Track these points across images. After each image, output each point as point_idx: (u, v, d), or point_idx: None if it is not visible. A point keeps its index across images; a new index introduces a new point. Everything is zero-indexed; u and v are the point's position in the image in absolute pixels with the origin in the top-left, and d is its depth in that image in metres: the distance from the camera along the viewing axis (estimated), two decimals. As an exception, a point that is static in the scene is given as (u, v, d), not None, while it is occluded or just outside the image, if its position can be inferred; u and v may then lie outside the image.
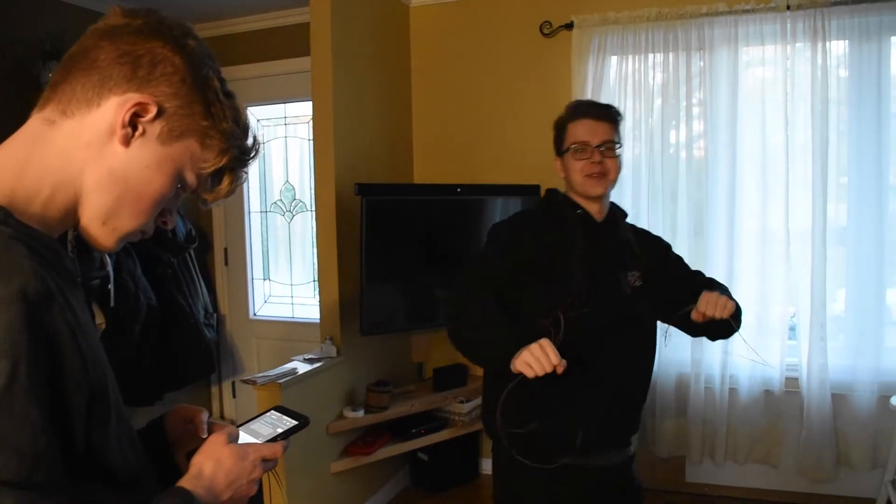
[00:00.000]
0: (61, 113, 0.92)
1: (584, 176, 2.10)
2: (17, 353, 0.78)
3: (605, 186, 2.11)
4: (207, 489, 0.99)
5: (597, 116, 2.13)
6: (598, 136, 2.10)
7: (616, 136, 2.13)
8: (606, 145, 2.10)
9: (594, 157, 2.09)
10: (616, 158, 2.12)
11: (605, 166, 2.09)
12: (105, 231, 0.96)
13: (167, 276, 4.09)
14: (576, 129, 2.13)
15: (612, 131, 2.12)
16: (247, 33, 4.60)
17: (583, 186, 2.12)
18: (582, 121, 2.13)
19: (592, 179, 2.10)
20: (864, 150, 3.50)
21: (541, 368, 1.74)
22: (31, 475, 0.78)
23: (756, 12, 3.57)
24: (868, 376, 3.56)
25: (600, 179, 2.10)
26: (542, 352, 1.75)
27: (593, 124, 2.12)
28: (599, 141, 2.10)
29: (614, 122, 2.15)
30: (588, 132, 2.12)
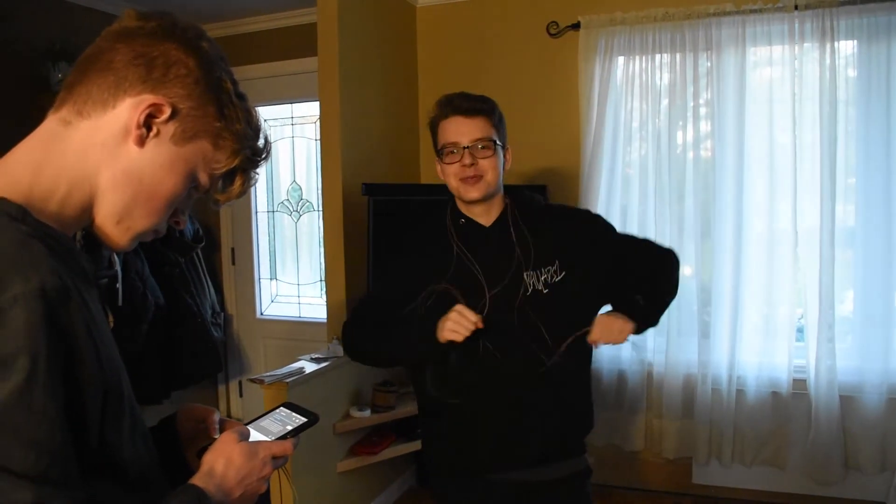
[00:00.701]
0: (77, 113, 0.94)
1: (459, 180, 1.94)
2: (37, 349, 0.79)
3: (481, 190, 1.93)
4: (218, 486, 1.00)
5: (466, 112, 1.94)
6: (468, 135, 1.92)
7: (493, 133, 1.94)
8: (480, 143, 1.92)
9: (465, 160, 1.91)
10: (493, 157, 1.93)
11: (479, 168, 1.92)
12: (119, 230, 0.98)
13: (175, 275, 4.11)
14: (445, 129, 1.97)
15: (486, 127, 1.93)
16: (254, 33, 4.61)
17: (458, 191, 1.97)
18: (451, 118, 1.96)
19: (466, 184, 1.93)
20: (873, 150, 3.48)
21: (465, 329, 1.77)
22: (47, 470, 0.79)
23: (764, 12, 3.57)
24: (876, 378, 3.55)
25: (476, 182, 1.92)
26: (461, 315, 1.78)
27: (462, 121, 1.94)
28: (469, 140, 1.92)
29: (488, 115, 1.95)
30: (456, 132, 1.94)
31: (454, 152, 1.94)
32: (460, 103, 1.96)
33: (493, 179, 1.94)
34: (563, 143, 4.04)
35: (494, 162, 1.94)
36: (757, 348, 3.71)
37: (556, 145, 4.07)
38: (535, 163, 4.11)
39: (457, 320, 1.78)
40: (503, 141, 2.00)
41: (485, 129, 1.93)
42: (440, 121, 1.99)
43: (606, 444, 3.97)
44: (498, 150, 1.96)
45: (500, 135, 1.98)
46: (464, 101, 1.97)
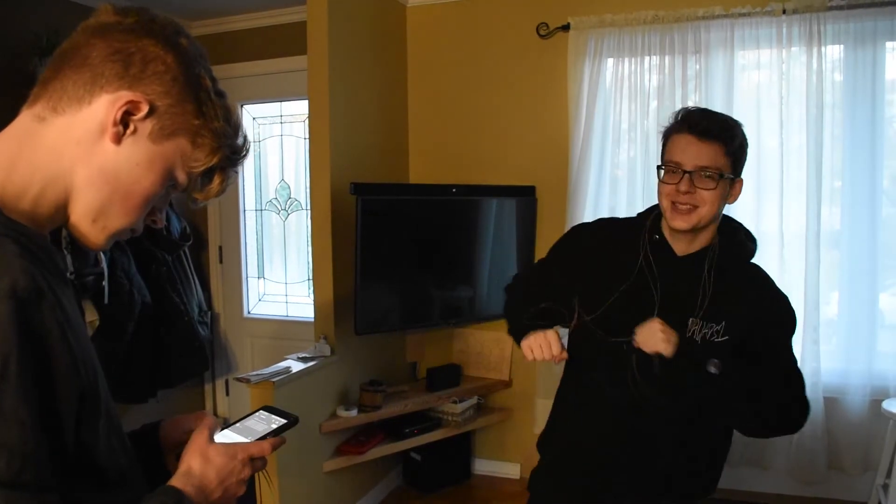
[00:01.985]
0: (52, 110, 0.92)
1: (670, 202, 1.78)
2: (7, 351, 0.77)
3: (690, 222, 1.75)
4: (198, 487, 1.00)
5: (701, 133, 1.73)
6: (694, 160, 1.73)
7: (723, 163, 1.74)
8: (703, 172, 1.72)
9: (682, 186, 1.73)
10: (714, 190, 1.72)
11: (696, 198, 1.73)
12: (95, 229, 0.96)
13: (161, 273, 4.08)
14: (674, 145, 1.79)
15: (718, 155, 1.73)
16: (243, 31, 4.59)
17: (667, 215, 1.80)
18: (682, 136, 1.77)
19: (675, 211, 1.76)
20: (858, 154, 3.51)
21: (540, 355, 1.76)
22: (19, 474, 0.78)
23: (752, 16, 3.58)
24: (860, 380, 3.57)
25: (687, 214, 1.75)
26: (546, 340, 1.76)
27: (694, 142, 1.74)
28: (694, 166, 1.73)
29: (726, 144, 1.74)
30: (682, 151, 1.75)
31: (674, 173, 1.76)
32: (698, 120, 1.77)
33: (706, 214, 1.75)
34: (552, 143, 4.05)
35: (714, 196, 1.73)
36: (742, 350, 3.72)
37: (545, 146, 4.08)
38: (524, 163, 4.12)
39: (540, 342, 1.78)
40: (737, 173, 1.80)
41: (716, 157, 1.73)
42: (672, 133, 1.82)
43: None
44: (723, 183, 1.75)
45: (733, 167, 1.78)
46: (703, 119, 1.78)
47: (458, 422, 3.94)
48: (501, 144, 4.20)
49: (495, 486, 4.25)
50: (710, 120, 1.77)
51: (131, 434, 1.10)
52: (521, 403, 4.23)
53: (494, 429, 4.32)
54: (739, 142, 1.78)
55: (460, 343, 4.34)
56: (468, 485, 4.27)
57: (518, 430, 4.27)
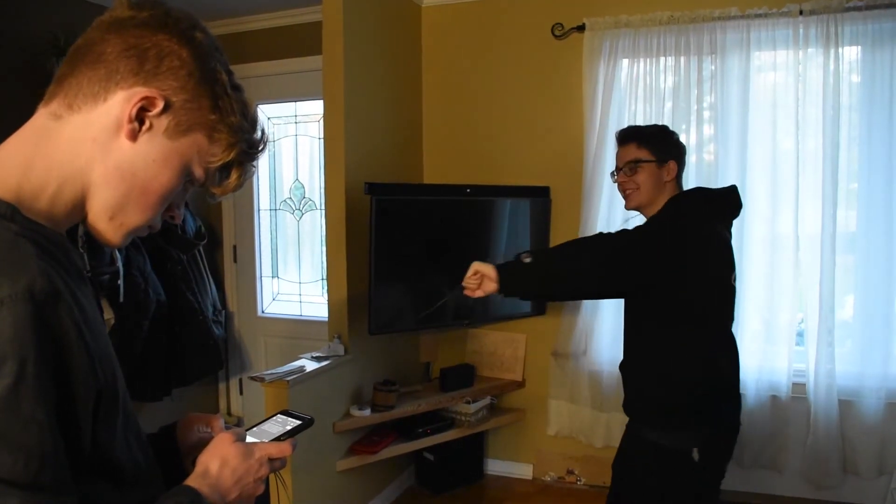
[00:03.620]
0: (67, 107, 0.92)
1: (622, 191, 2.49)
2: (25, 352, 0.77)
3: (633, 202, 2.45)
4: (214, 487, 1.00)
5: (619, 141, 2.50)
6: (621, 159, 2.46)
7: (640, 153, 2.40)
8: (627, 165, 2.42)
9: (620, 178, 2.47)
10: (638, 175, 2.40)
11: (630, 184, 2.42)
12: (112, 226, 0.96)
13: (176, 272, 4.10)
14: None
15: (633, 150, 2.42)
16: (259, 31, 4.61)
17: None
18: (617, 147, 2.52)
19: (624, 197, 2.48)
20: (875, 156, 3.48)
21: None
22: (37, 476, 0.78)
23: (768, 17, 3.56)
24: (875, 383, 3.54)
25: (629, 197, 2.46)
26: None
27: (619, 148, 2.49)
28: (622, 163, 2.45)
29: (637, 140, 2.42)
30: (616, 157, 2.51)
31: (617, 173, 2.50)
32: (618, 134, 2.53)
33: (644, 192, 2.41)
34: (567, 143, 4.04)
35: (640, 179, 2.40)
36: (757, 352, 3.70)
37: (560, 146, 4.07)
38: (538, 163, 4.11)
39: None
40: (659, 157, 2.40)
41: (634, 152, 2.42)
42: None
43: (605, 447, 3.97)
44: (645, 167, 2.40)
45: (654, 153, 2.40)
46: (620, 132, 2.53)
47: (470, 422, 3.94)
48: (516, 145, 4.19)
49: (508, 486, 4.25)
50: (625, 130, 2.51)
51: (149, 436, 1.10)
52: (534, 404, 4.22)
53: (507, 429, 4.32)
54: (649, 134, 2.44)
55: (474, 343, 4.34)
56: (481, 485, 4.27)
57: (531, 430, 4.26)
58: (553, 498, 4.07)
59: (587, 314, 3.93)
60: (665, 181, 2.39)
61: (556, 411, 4.09)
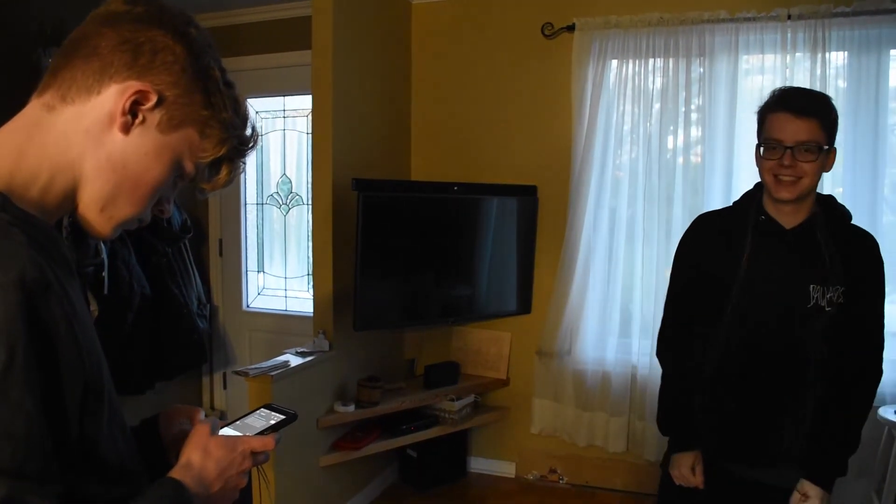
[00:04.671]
0: (61, 99, 0.92)
1: (773, 176, 1.95)
2: (14, 341, 0.77)
3: (794, 192, 1.92)
4: (197, 479, 1.00)
5: (798, 111, 1.90)
6: (794, 135, 1.89)
7: (822, 137, 1.90)
8: (803, 146, 1.89)
9: (785, 160, 1.90)
10: (814, 163, 1.90)
11: (797, 170, 1.90)
12: (102, 218, 0.96)
13: (161, 265, 4.08)
14: (772, 123, 1.95)
15: (816, 130, 1.89)
16: (248, 25, 4.59)
17: (771, 188, 1.97)
18: (780, 114, 1.93)
19: (779, 184, 1.93)
20: (860, 161, 3.51)
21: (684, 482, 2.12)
22: (24, 464, 0.78)
23: (757, 21, 3.59)
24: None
25: (791, 185, 1.92)
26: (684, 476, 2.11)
27: (790, 119, 1.90)
28: (794, 141, 1.89)
29: (822, 119, 1.90)
30: (781, 129, 1.92)
31: (775, 149, 1.93)
32: (794, 99, 1.96)
33: (809, 184, 1.93)
34: (555, 143, 4.05)
35: (814, 167, 1.91)
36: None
37: (548, 145, 4.08)
38: (525, 162, 4.12)
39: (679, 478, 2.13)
40: (831, 144, 1.95)
41: (814, 132, 1.90)
42: (769, 112, 1.98)
43: (588, 446, 3.99)
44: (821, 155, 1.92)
45: (829, 139, 1.93)
46: (798, 98, 1.98)
47: (454, 419, 3.95)
48: (504, 143, 4.20)
49: (491, 484, 4.26)
50: (807, 98, 1.99)
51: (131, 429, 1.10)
52: (518, 403, 4.23)
53: (491, 427, 4.33)
54: (834, 115, 1.94)
55: (459, 341, 4.35)
56: (463, 483, 4.28)
57: (515, 429, 4.27)
58: (535, 496, 4.08)
59: (572, 313, 3.94)
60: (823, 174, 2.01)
61: (540, 410, 4.11)
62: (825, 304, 1.94)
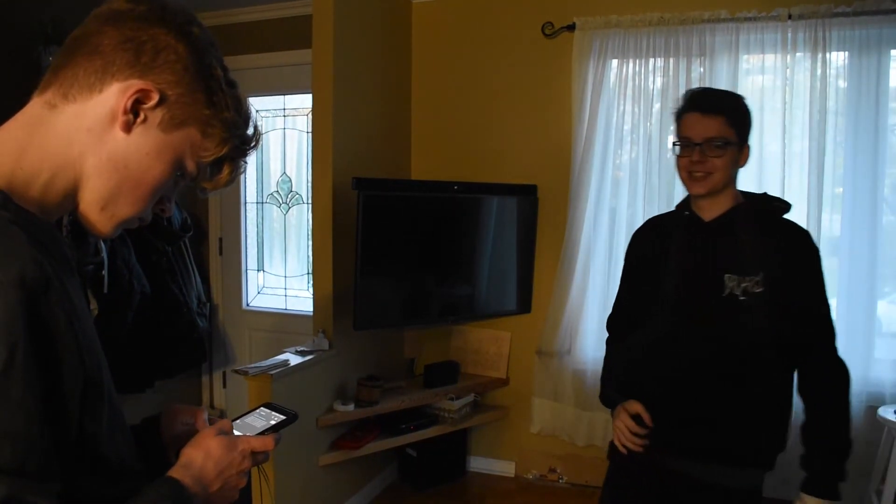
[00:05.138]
0: (63, 97, 0.92)
1: (687, 173, 2.02)
2: (15, 339, 0.77)
3: (706, 187, 2.00)
4: (196, 479, 1.00)
5: (704, 109, 2.00)
6: (701, 133, 1.98)
7: (730, 133, 1.97)
8: (711, 142, 1.96)
9: (695, 156, 1.98)
10: (724, 157, 1.97)
11: (707, 166, 1.97)
12: (103, 217, 0.96)
13: (161, 264, 4.08)
14: (683, 123, 2.04)
15: (723, 126, 1.97)
16: (248, 23, 4.59)
17: (686, 184, 2.06)
18: (690, 114, 2.03)
19: (692, 179, 2.01)
20: (861, 161, 3.51)
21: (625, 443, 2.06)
22: (24, 462, 0.78)
23: (757, 21, 3.59)
24: (856, 387, 3.53)
25: (702, 180, 1.99)
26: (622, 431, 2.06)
27: (699, 118, 2.00)
28: (702, 138, 1.97)
29: (728, 115, 1.99)
30: (691, 127, 2.01)
31: (686, 146, 2.02)
32: (700, 99, 2.06)
33: (720, 178, 2.00)
34: (555, 142, 4.05)
35: (724, 161, 1.98)
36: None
37: (548, 145, 4.08)
38: (526, 162, 4.12)
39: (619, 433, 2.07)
40: (742, 139, 2.03)
41: (720, 128, 1.97)
42: (681, 114, 2.06)
43: (588, 445, 3.99)
44: (730, 150, 1.99)
45: (738, 134, 2.01)
46: (704, 97, 2.08)
47: (454, 419, 3.95)
48: (504, 143, 4.20)
49: (490, 483, 4.26)
50: (714, 96, 2.11)
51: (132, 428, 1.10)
52: (517, 402, 4.23)
53: (490, 427, 4.33)
54: (741, 112, 2.04)
55: (458, 340, 4.35)
56: (463, 482, 4.28)
57: (514, 428, 4.27)
58: (535, 496, 4.08)
59: (572, 313, 3.94)
60: (737, 169, 2.07)
61: (540, 409, 4.10)
62: (740, 294, 1.96)
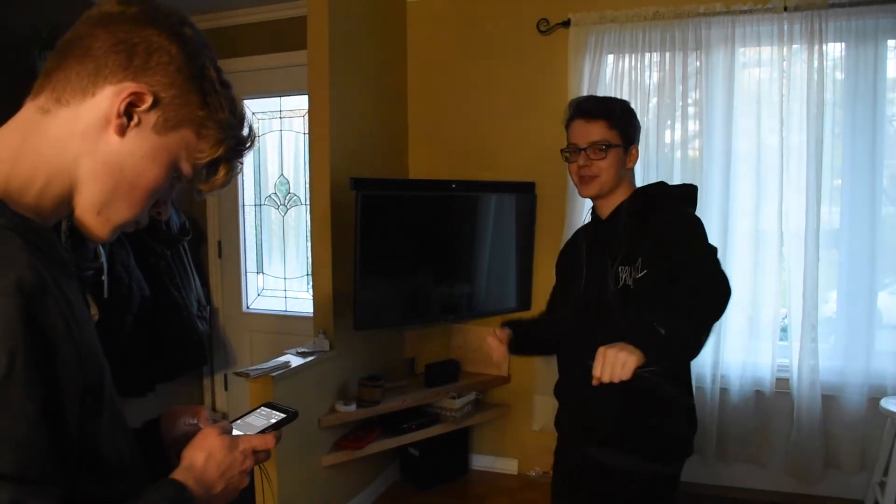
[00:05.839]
0: (55, 101, 0.91)
1: (578, 177, 2.12)
2: (14, 345, 0.77)
3: (594, 189, 2.09)
4: (199, 480, 1.00)
5: (587, 115, 2.09)
6: (585, 137, 2.08)
7: (612, 135, 2.05)
8: (594, 146, 2.05)
9: (580, 160, 2.08)
10: (607, 159, 2.05)
11: (593, 169, 2.06)
12: (99, 221, 0.95)
13: (160, 267, 4.08)
14: (570, 130, 2.14)
15: (604, 130, 2.05)
16: (243, 26, 4.58)
17: (578, 188, 2.15)
18: (575, 121, 2.13)
19: (582, 182, 2.11)
20: (859, 152, 3.51)
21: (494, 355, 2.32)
22: (26, 469, 0.78)
23: (753, 13, 3.58)
24: (858, 378, 3.57)
25: (590, 182, 2.08)
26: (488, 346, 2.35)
27: (582, 124, 2.09)
28: (586, 143, 2.07)
29: (609, 119, 2.07)
30: (576, 133, 2.11)
31: (574, 152, 2.11)
32: (582, 105, 2.14)
33: (607, 179, 2.07)
34: (552, 139, 3.98)
35: (608, 163, 2.06)
36: (741, 348, 3.73)
37: (545, 141, 4.06)
38: (523, 159, 4.12)
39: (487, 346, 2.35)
40: (627, 141, 2.09)
41: (603, 132, 2.06)
42: (569, 123, 2.15)
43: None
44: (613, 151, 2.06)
45: (622, 136, 2.07)
46: (585, 104, 2.16)
47: (456, 417, 3.94)
48: (501, 140, 4.19)
49: (493, 481, 4.26)
50: (594, 102, 2.18)
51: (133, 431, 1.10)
52: (519, 400, 4.23)
53: (492, 425, 4.33)
54: (620, 115, 2.10)
55: (459, 339, 4.34)
56: (465, 480, 4.27)
57: (516, 426, 4.27)
58: (538, 493, 4.08)
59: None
60: (627, 168, 2.12)
61: (542, 407, 4.10)
62: (631, 284, 1.97)
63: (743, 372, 3.72)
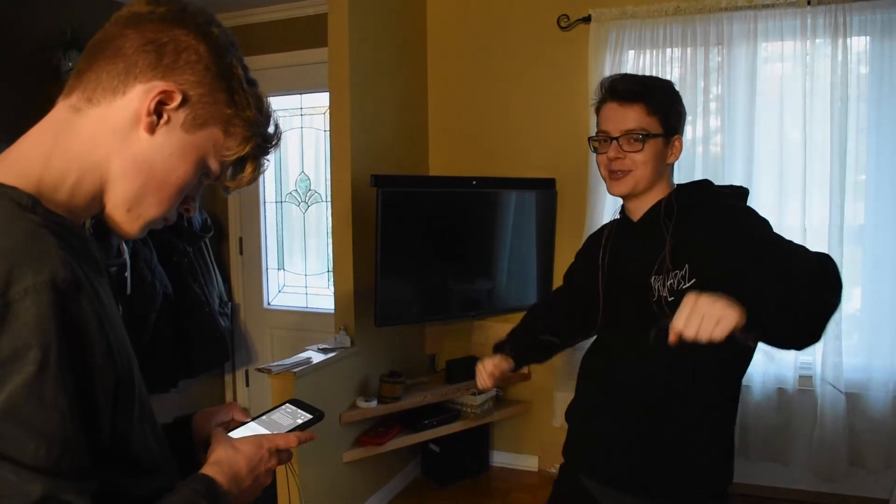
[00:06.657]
0: (87, 100, 0.93)
1: (607, 171, 1.77)
2: (48, 341, 0.78)
3: (627, 186, 1.74)
4: (228, 475, 1.01)
5: (622, 98, 1.73)
6: (618, 125, 1.72)
7: (650, 123, 1.71)
8: (629, 135, 1.71)
9: (611, 153, 1.73)
10: (644, 151, 1.71)
11: (626, 162, 1.72)
12: (129, 218, 0.97)
13: (183, 264, 4.12)
14: (602, 115, 1.79)
15: (642, 116, 1.71)
16: (264, 23, 4.61)
17: (606, 184, 1.80)
18: (608, 104, 1.77)
19: (613, 178, 1.76)
20: (884, 147, 3.47)
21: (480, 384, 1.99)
22: (58, 462, 0.79)
23: (776, 7, 3.55)
24: (883, 375, 3.54)
25: (622, 179, 1.74)
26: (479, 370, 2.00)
27: (616, 108, 1.74)
28: (620, 131, 1.72)
29: (648, 103, 1.72)
30: (608, 119, 1.76)
31: (604, 142, 1.77)
32: (617, 85, 1.76)
33: (643, 175, 1.73)
34: (573, 136, 4.03)
35: (644, 156, 1.71)
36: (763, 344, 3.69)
37: (565, 138, 4.07)
38: (544, 155, 4.11)
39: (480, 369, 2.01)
40: (668, 130, 1.75)
41: (640, 118, 1.71)
42: (599, 106, 1.81)
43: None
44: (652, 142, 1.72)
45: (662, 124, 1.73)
46: (621, 83, 1.77)
47: (476, 414, 3.95)
48: (521, 137, 4.19)
49: (513, 478, 4.26)
50: (629, 82, 1.76)
51: (164, 426, 1.11)
52: (539, 396, 4.23)
53: (513, 421, 4.33)
54: (661, 98, 1.75)
55: (479, 335, 4.34)
56: (486, 477, 4.28)
57: (536, 422, 4.27)
58: (559, 489, 4.07)
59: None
60: (667, 163, 1.78)
61: (562, 403, 4.09)
62: (668, 295, 1.64)
63: (766, 369, 3.69)
